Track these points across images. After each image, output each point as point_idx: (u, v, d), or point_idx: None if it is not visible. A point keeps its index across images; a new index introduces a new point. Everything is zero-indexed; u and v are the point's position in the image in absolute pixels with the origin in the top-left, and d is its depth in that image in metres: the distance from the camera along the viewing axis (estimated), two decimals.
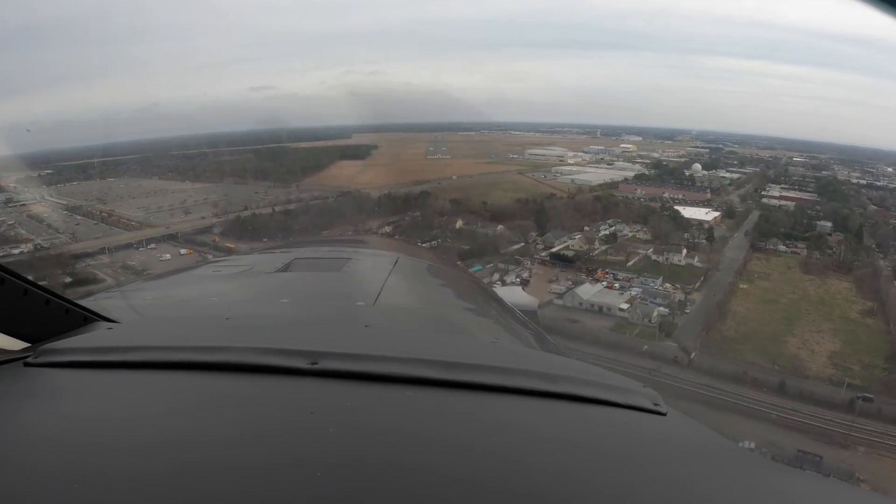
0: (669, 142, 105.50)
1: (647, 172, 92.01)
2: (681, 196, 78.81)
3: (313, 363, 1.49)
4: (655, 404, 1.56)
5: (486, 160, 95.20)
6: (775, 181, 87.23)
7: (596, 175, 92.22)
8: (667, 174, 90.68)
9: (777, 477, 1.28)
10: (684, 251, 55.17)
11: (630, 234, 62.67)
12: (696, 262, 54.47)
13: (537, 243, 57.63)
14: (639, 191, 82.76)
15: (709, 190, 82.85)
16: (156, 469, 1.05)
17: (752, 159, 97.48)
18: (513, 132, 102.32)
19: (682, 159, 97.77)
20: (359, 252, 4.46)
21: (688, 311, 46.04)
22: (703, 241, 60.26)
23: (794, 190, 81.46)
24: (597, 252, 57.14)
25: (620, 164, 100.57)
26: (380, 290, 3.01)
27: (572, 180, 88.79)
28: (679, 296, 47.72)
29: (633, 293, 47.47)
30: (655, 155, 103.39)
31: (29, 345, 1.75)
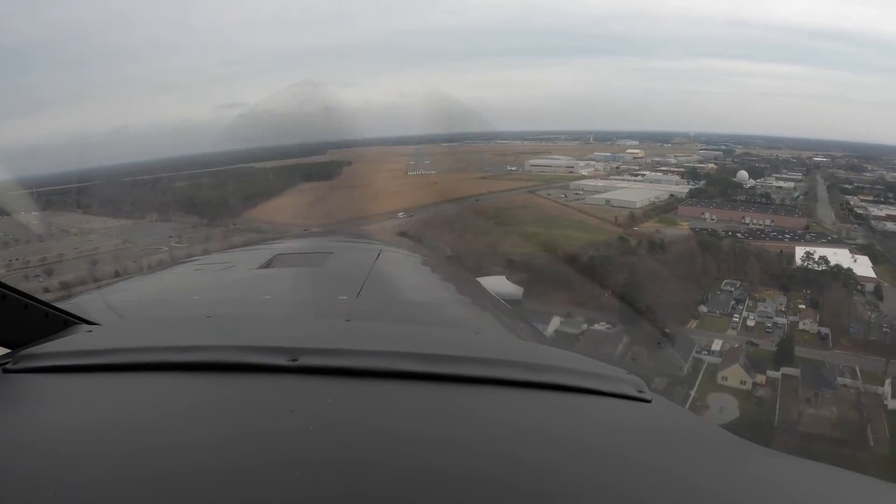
0: (669, 145, 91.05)
1: (689, 185, 69.76)
2: (769, 221, 54.81)
3: (293, 360, 1.39)
4: (640, 391, 1.43)
5: (479, 174, 75.00)
6: (846, 191, 65.78)
7: (632, 192, 68.86)
8: (728, 188, 68.01)
9: (765, 462, 1.19)
10: None
11: (783, 320, 31.26)
12: None
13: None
14: (706, 214, 58.72)
15: (799, 212, 58.75)
16: (134, 472, 1.00)
17: (777, 161, 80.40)
18: (498, 141, 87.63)
19: (704, 164, 79.48)
20: (341, 245, 4.22)
21: None
22: None
23: (884, 204, 59.67)
24: (777, 385, 25.60)
25: (653, 175, 77.91)
26: (362, 283, 2.80)
27: (608, 201, 64.73)
28: None
29: None
30: (672, 160, 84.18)
31: (8, 351, 1.61)
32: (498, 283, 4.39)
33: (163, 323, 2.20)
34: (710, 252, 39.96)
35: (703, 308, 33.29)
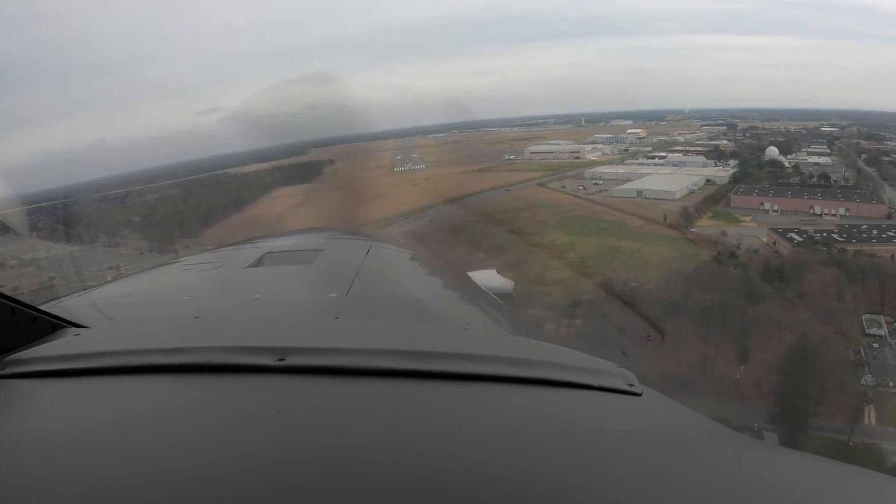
0: (664, 122, 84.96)
1: (719, 166, 60.94)
2: (843, 210, 44.64)
3: (281, 360, 1.36)
4: (630, 385, 1.39)
5: (474, 166, 65.38)
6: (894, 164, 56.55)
7: (661, 179, 58.26)
8: (768, 169, 58.54)
9: (759, 455, 1.16)
10: None
11: None
12: None
13: None
14: (766, 204, 49.06)
15: (873, 196, 48.55)
16: (123, 476, 0.98)
17: (791, 134, 73.60)
18: (486, 129, 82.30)
19: (716, 141, 71.95)
20: (331, 242, 4.08)
21: None
22: None
23: None
24: None
25: (674, 157, 67.16)
26: (352, 280, 2.73)
27: (639, 192, 54.56)
28: None
29: None
30: (680, 139, 76.53)
31: None
32: (488, 277, 4.14)
33: (151, 324, 2.17)
34: (824, 270, 28.14)
35: (868, 378, 21.61)
